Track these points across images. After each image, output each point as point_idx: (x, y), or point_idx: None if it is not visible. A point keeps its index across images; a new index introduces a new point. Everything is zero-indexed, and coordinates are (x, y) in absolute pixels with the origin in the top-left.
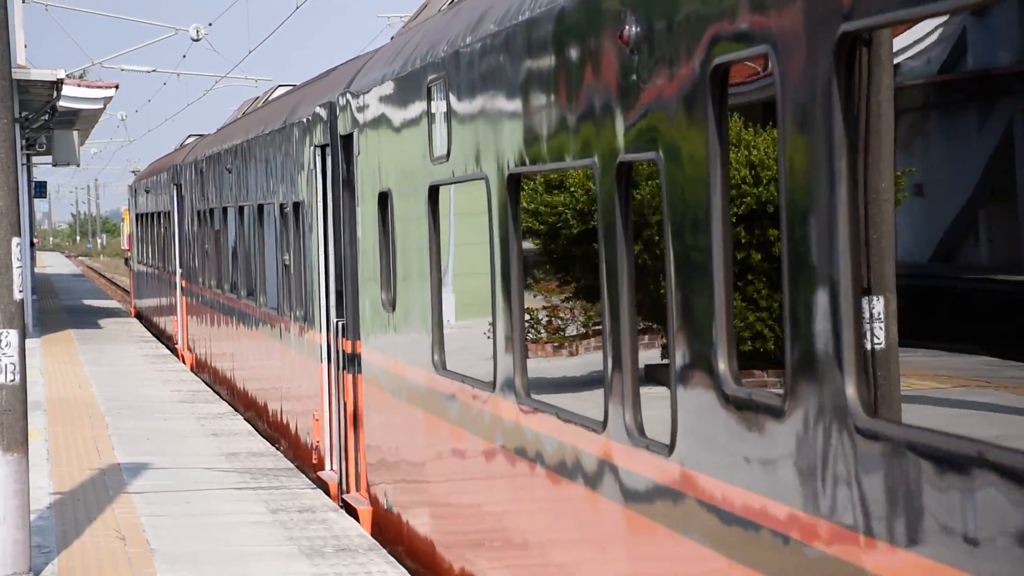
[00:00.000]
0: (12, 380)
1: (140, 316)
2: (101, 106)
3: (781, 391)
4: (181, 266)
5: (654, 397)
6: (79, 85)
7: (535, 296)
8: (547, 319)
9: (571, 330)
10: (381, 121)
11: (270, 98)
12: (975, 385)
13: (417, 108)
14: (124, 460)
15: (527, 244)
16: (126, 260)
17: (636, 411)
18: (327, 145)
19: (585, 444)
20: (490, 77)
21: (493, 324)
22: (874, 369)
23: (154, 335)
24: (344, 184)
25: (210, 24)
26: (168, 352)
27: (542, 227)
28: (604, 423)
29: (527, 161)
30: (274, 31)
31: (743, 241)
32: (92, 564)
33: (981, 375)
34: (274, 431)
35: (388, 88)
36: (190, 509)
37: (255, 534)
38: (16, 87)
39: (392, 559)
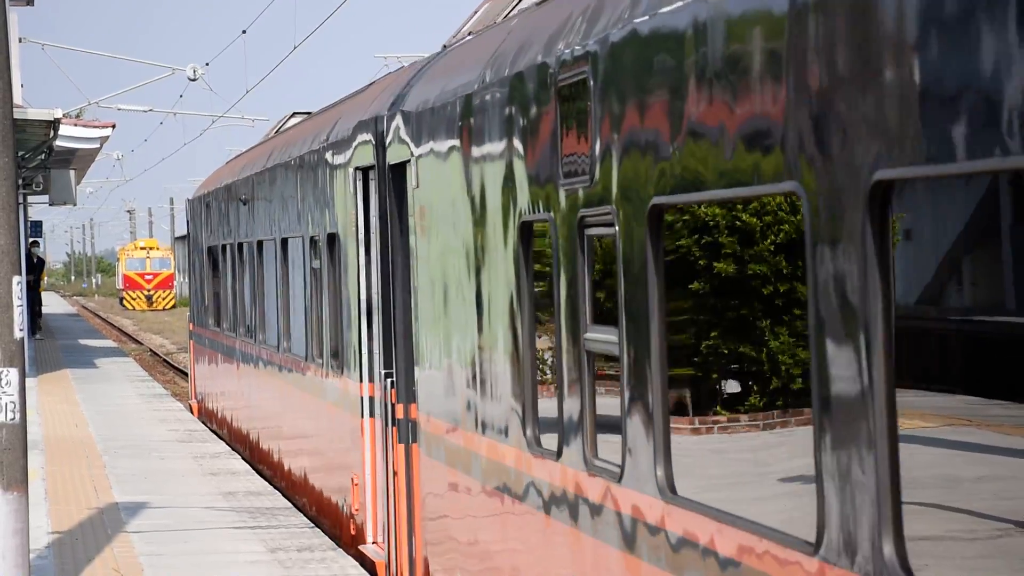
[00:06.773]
0: (12, 419)
1: (205, 415)
2: (98, 146)
3: None
4: (388, 367)
5: None
6: (76, 125)
7: None
8: None
9: None
10: None
11: None
12: (959, 424)
13: None
14: (122, 499)
15: None
16: (120, 300)
17: None
18: None
19: None
20: None
21: None
22: None
23: (255, 468)
24: None
25: (207, 64)
26: (164, 391)
27: None
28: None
29: None
30: (271, 71)
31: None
32: None
33: (962, 414)
34: None
35: None
36: (188, 548)
37: (254, 573)
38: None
39: None
